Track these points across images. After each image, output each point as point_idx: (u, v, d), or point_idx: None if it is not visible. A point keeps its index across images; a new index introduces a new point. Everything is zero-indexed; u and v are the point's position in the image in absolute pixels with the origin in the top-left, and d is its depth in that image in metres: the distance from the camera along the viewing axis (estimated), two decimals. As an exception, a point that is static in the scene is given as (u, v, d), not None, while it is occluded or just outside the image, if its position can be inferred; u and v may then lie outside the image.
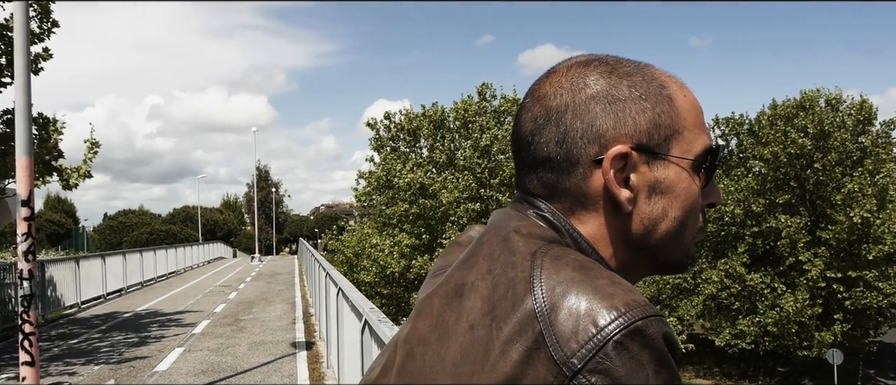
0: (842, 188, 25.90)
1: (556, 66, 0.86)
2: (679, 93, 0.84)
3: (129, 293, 20.14)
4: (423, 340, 0.79)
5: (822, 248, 25.91)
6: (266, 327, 12.66)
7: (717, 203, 0.89)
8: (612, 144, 0.79)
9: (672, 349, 0.68)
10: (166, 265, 26.94)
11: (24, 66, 5.69)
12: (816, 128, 25.79)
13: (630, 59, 0.86)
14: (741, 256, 26.97)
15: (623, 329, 0.66)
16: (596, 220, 0.81)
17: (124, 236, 53.63)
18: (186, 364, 9.30)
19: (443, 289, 0.81)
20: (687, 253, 0.86)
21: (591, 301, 0.68)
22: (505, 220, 0.84)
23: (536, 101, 0.84)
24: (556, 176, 0.81)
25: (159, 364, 9.31)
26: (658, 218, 0.81)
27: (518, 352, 0.68)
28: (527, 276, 0.72)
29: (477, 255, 0.81)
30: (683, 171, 0.82)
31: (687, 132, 0.82)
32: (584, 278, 0.70)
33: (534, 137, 0.83)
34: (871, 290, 25.56)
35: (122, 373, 8.82)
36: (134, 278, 21.65)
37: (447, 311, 0.78)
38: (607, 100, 0.80)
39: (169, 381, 8.28)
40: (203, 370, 8.88)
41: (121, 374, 8.76)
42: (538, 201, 0.83)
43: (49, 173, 10.45)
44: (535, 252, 0.75)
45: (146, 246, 32.11)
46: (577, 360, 0.66)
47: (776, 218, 26.48)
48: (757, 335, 26.72)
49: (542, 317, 0.69)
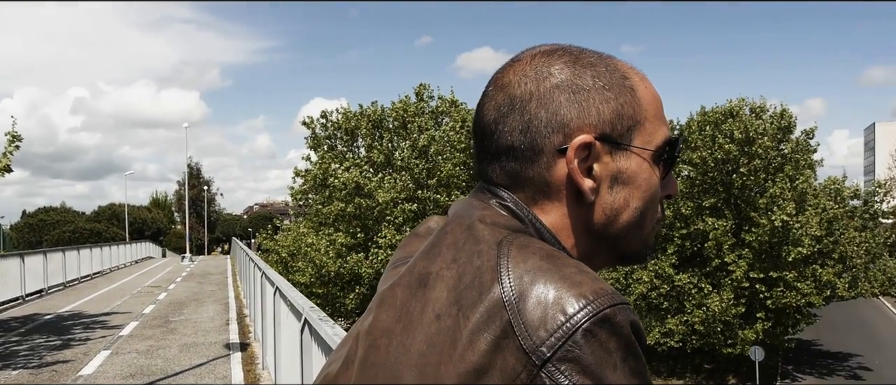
0: (764, 192, 27.03)
1: (520, 55, 0.86)
2: (641, 84, 0.84)
3: (50, 294, 19.24)
4: (386, 331, 0.77)
5: (746, 249, 26.95)
6: (198, 328, 12.31)
7: (674, 195, 0.90)
8: (576, 134, 0.79)
9: (639, 337, 0.69)
10: (91, 265, 25.86)
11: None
12: (742, 134, 26.84)
13: (593, 50, 0.86)
14: (670, 257, 27.81)
15: (592, 317, 0.66)
16: (558, 210, 0.81)
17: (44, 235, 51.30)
18: (113, 367, 8.95)
19: (406, 279, 0.80)
20: (646, 243, 0.87)
21: (560, 289, 0.68)
22: (468, 210, 0.83)
23: (500, 89, 0.83)
24: (520, 165, 0.81)
25: (84, 368, 8.93)
26: (620, 208, 0.82)
27: (486, 341, 0.68)
28: (493, 265, 0.72)
29: (440, 244, 0.80)
30: (644, 162, 0.82)
31: (648, 123, 0.83)
32: (552, 267, 0.70)
33: (497, 126, 0.82)
34: (790, 290, 26.74)
35: (44, 377, 8.42)
36: (56, 279, 20.70)
37: (411, 302, 0.76)
38: (571, 89, 0.80)
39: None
40: (132, 373, 8.57)
41: (42, 378, 8.36)
42: (500, 191, 0.83)
43: (-35, 167, 9.90)
44: (501, 241, 0.75)
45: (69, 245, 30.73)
46: (546, 348, 0.65)
47: (703, 220, 27.42)
48: (685, 333, 27.59)
49: (511, 305, 0.68)
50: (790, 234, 26.14)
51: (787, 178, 27.03)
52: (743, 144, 26.97)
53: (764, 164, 27.14)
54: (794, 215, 26.02)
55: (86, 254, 25.35)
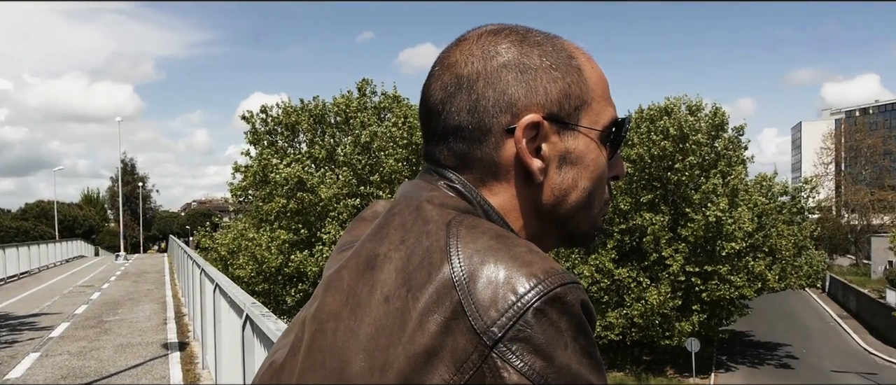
0: (699, 188, 27.87)
1: (467, 34, 0.85)
2: (587, 64, 0.84)
3: (-27, 295, 18.35)
4: (333, 315, 0.75)
5: (682, 244, 27.74)
6: (134, 328, 11.94)
7: (622, 176, 0.91)
8: (524, 113, 0.78)
9: (589, 316, 0.69)
10: (18, 265, 24.78)
11: None
12: (677, 131, 27.59)
13: (539, 30, 0.86)
14: (610, 252, 28.39)
15: (542, 296, 0.66)
16: (507, 191, 0.81)
17: (-33, 234, 48.84)
18: (43, 370, 8.60)
19: (353, 262, 0.78)
20: (595, 225, 0.87)
21: (510, 269, 0.67)
22: (416, 191, 0.82)
23: (446, 68, 0.82)
24: (468, 145, 0.80)
25: (11, 371, 8.55)
26: (568, 188, 0.82)
27: (436, 322, 0.67)
28: (443, 246, 0.71)
29: (388, 226, 0.78)
30: (592, 142, 0.82)
31: (595, 103, 0.83)
32: (502, 247, 0.70)
33: (444, 106, 0.81)
34: (724, 283, 27.67)
35: (-33, 381, 8.02)
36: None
37: (359, 285, 0.75)
38: (519, 68, 0.79)
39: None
40: (63, 376, 8.24)
41: (-35, 382, 7.97)
42: (448, 172, 0.82)
43: None
44: (450, 222, 0.74)
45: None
46: (498, 328, 0.65)
47: (641, 216, 28.09)
48: (624, 326, 28.23)
49: (461, 285, 0.67)
50: (723, 229, 27.01)
51: (720, 175, 27.93)
52: (678, 141, 27.73)
53: (698, 161, 27.96)
54: (728, 211, 26.90)
55: (11, 253, 24.28)
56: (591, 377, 0.66)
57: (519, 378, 0.64)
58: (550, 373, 0.64)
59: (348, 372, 0.70)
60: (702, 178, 28.20)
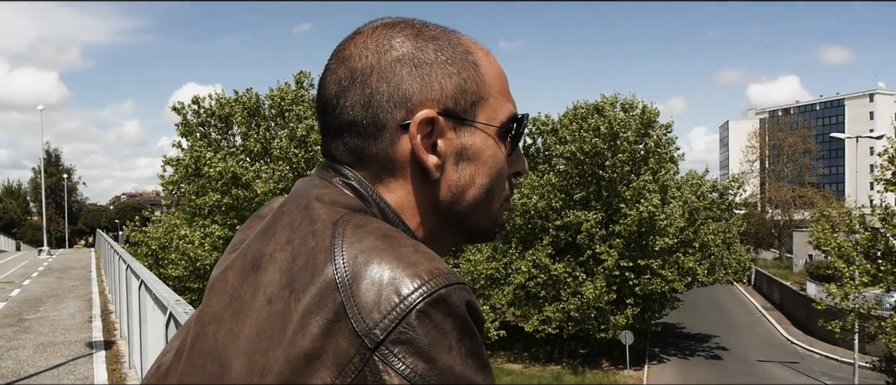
0: (630, 185, 28.58)
1: (362, 28, 0.83)
2: (485, 60, 0.83)
3: None
4: (215, 318, 0.73)
5: (616, 240, 28.40)
6: (57, 326, 11.46)
7: (524, 172, 0.90)
8: (419, 109, 0.77)
9: (475, 317, 0.68)
10: (-69, 261, 23.48)
11: None
12: (607, 129, 28.21)
13: (436, 24, 0.85)
14: (546, 248, 28.84)
15: (426, 297, 0.65)
16: (403, 187, 0.80)
17: None
18: (-45, 373, 8.16)
19: (239, 262, 0.76)
20: (495, 221, 0.86)
21: (395, 270, 0.66)
22: (308, 189, 0.80)
23: (341, 62, 0.81)
24: (363, 141, 0.79)
25: (-82, 373, 8.08)
26: (465, 185, 0.81)
27: (318, 325, 0.65)
28: (327, 246, 0.69)
29: (276, 225, 0.76)
30: (490, 139, 0.82)
31: (493, 99, 0.82)
32: (387, 247, 0.68)
33: (338, 100, 0.79)
34: (656, 278, 28.48)
35: None
36: None
37: (243, 286, 0.73)
38: (414, 63, 0.78)
39: (-70, 392, 7.22)
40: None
41: None
42: (344, 169, 0.80)
43: None
44: (337, 221, 0.72)
45: None
46: (380, 330, 0.64)
47: (575, 212, 28.62)
48: (561, 321, 28.74)
49: (343, 287, 0.66)
50: (656, 225, 27.77)
51: (651, 172, 28.69)
52: (609, 139, 28.35)
53: (629, 158, 28.65)
54: (660, 206, 27.67)
55: (-76, 248, 22.99)
56: (476, 378, 0.66)
57: (400, 381, 0.63)
58: (433, 375, 0.63)
59: (228, 376, 0.68)
60: (632, 176, 28.92)
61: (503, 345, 30.56)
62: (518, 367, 30.92)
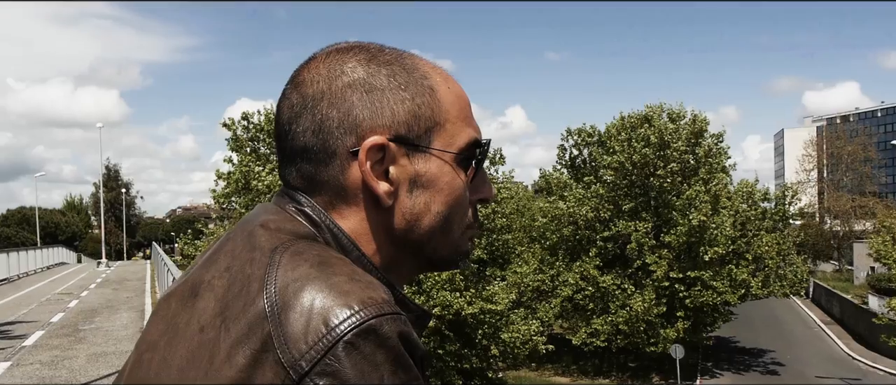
0: (681, 195, 27.99)
1: (317, 53, 0.83)
2: (443, 85, 0.82)
3: (-51, 304, 18.12)
4: (152, 345, 0.73)
5: (666, 250, 27.83)
6: (109, 337, 11.81)
7: (489, 198, 0.88)
8: (369, 135, 0.76)
9: (411, 348, 0.66)
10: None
11: None
12: (657, 139, 27.72)
13: (393, 48, 0.84)
14: (594, 259, 28.44)
15: (354, 328, 0.63)
16: (357, 214, 0.78)
17: (-52, 240, 48.29)
18: (13, 379, 8.48)
19: (180, 289, 0.76)
20: (457, 249, 0.85)
21: (325, 299, 0.65)
22: (256, 215, 0.80)
23: (295, 88, 0.80)
24: (314, 167, 0.78)
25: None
26: (420, 212, 0.79)
27: (245, 355, 0.64)
28: (262, 274, 0.68)
29: (220, 251, 0.76)
30: (446, 165, 0.80)
31: (450, 125, 0.81)
32: (320, 275, 0.67)
33: (291, 126, 0.79)
34: (707, 289, 27.77)
35: (-68, 392, 7.90)
36: (-44, 287, 19.52)
37: (181, 313, 0.72)
38: (365, 88, 0.78)
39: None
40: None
41: (-70, 394, 7.84)
42: (299, 195, 0.80)
43: None
44: (275, 247, 0.71)
45: (-26, 251, 29.06)
46: (306, 362, 0.62)
47: (624, 223, 28.18)
48: (610, 333, 28.25)
49: (273, 316, 0.65)
50: (706, 235, 27.13)
51: (702, 181, 28.06)
52: (658, 149, 27.84)
53: (679, 168, 28.09)
54: (710, 216, 27.04)
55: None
56: None
57: None
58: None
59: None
60: (684, 185, 28.33)
61: (551, 358, 30.20)
62: (566, 381, 30.54)
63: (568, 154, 33.25)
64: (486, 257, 22.50)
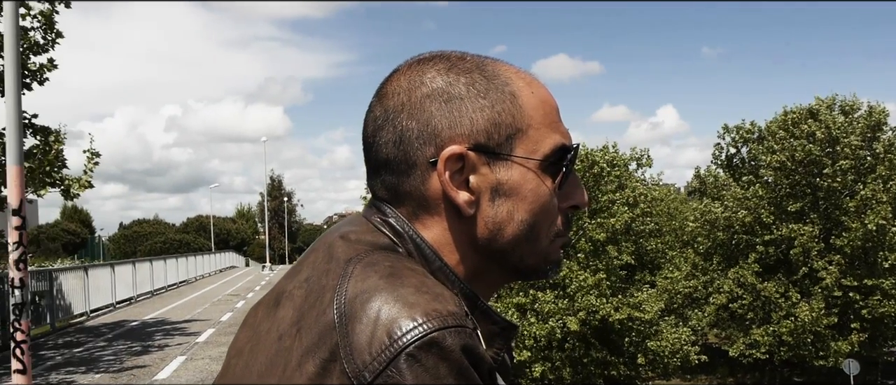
0: (855, 195, 25.56)
1: (401, 65, 0.84)
2: (525, 90, 0.80)
3: (138, 302, 20.26)
4: (239, 351, 0.77)
5: (837, 255, 25.53)
6: (270, 336, 12.67)
7: (582, 205, 0.85)
8: (448, 145, 0.76)
9: (476, 362, 0.64)
10: (177, 274, 27.10)
11: (15, 74, 5.72)
12: (825, 134, 25.49)
13: (476, 55, 0.83)
14: (752, 265, 26.65)
15: (417, 340, 0.62)
16: (439, 224, 0.79)
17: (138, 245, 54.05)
18: (187, 373, 9.31)
19: (267, 297, 0.79)
20: (546, 258, 0.83)
21: (391, 310, 0.65)
22: (341, 226, 0.82)
23: (378, 100, 0.82)
24: (397, 179, 0.79)
25: (160, 373, 9.33)
26: (503, 221, 0.78)
27: (314, 364, 0.65)
28: (334, 285, 0.70)
29: (303, 262, 0.79)
30: (530, 172, 0.78)
31: (533, 131, 0.79)
32: (388, 286, 0.67)
33: (374, 138, 0.81)
34: (888, 299, 25.17)
35: (122, 381, 8.84)
36: (144, 287, 21.79)
37: (264, 321, 0.76)
38: (443, 98, 0.78)
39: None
40: (202, 378, 8.88)
41: (120, 382, 8.78)
42: (384, 206, 0.81)
43: (51, 184, 10.52)
44: (350, 258, 0.72)
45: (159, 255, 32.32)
46: (369, 373, 0.62)
47: (787, 226, 26.17)
48: (771, 345, 26.36)
49: (341, 327, 0.66)
50: (887, 239, 24.64)
51: (881, 180, 25.47)
52: (826, 145, 25.61)
53: (852, 165, 25.66)
54: (891, 218, 24.51)
55: (172, 263, 26.58)
56: None
57: None
58: None
59: None
60: (858, 185, 25.86)
61: (704, 368, 28.69)
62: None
63: (724, 153, 31.42)
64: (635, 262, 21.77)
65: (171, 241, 54.27)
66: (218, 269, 38.38)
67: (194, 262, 31.70)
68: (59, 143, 10.52)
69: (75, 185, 10.67)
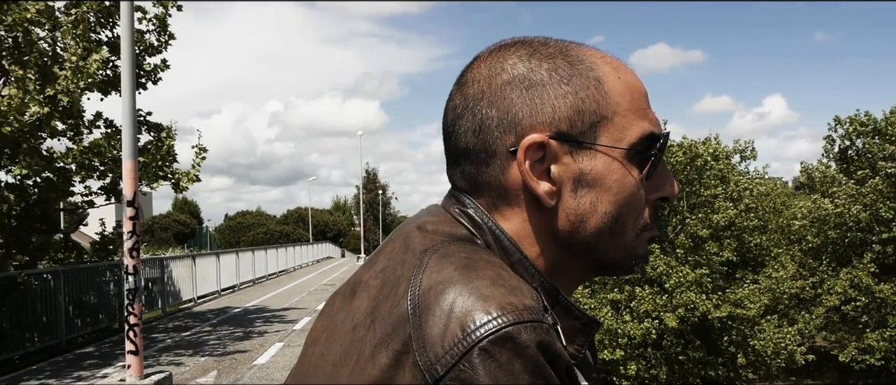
0: None
1: (481, 52, 0.82)
2: (611, 75, 0.77)
3: (241, 290, 21.21)
4: (315, 340, 0.77)
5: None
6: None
7: (672, 197, 0.81)
8: (529, 133, 0.73)
9: (553, 360, 0.62)
10: (277, 264, 28.17)
11: (131, 75, 6.09)
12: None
13: (559, 40, 0.80)
14: (868, 266, 24.98)
15: (491, 334, 0.60)
16: (519, 216, 0.76)
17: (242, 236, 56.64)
18: (284, 358, 9.67)
19: (344, 287, 0.79)
20: (632, 252, 0.79)
21: (465, 303, 0.63)
22: (419, 217, 0.81)
23: (458, 89, 0.80)
24: (476, 169, 0.77)
25: (259, 358, 9.73)
26: (586, 213, 0.75)
27: (387, 355, 0.64)
28: (410, 276, 0.68)
29: (381, 253, 0.78)
30: (615, 162, 0.75)
31: (619, 118, 0.75)
32: (463, 278, 0.65)
33: (454, 127, 0.79)
34: None
35: (225, 365, 9.28)
36: (246, 276, 22.79)
37: (341, 311, 0.75)
38: (524, 85, 0.75)
39: (266, 375, 8.64)
40: (299, 365, 9.20)
41: (223, 366, 9.22)
42: (463, 196, 0.79)
43: (163, 177, 11.17)
44: (426, 250, 0.71)
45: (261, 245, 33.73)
46: (441, 367, 0.61)
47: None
48: (887, 351, 24.66)
49: (414, 318, 0.64)
50: None
51: None
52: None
53: None
54: None
55: (272, 253, 27.66)
56: None
57: None
58: None
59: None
60: None
61: (810, 372, 27.16)
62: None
63: (837, 146, 29.59)
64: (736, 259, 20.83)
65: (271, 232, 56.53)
66: (315, 260, 39.64)
67: (293, 253, 32.87)
68: (171, 138, 11.17)
69: (184, 179, 11.29)
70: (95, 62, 9.31)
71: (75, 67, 9.14)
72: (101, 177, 10.89)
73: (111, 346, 11.19)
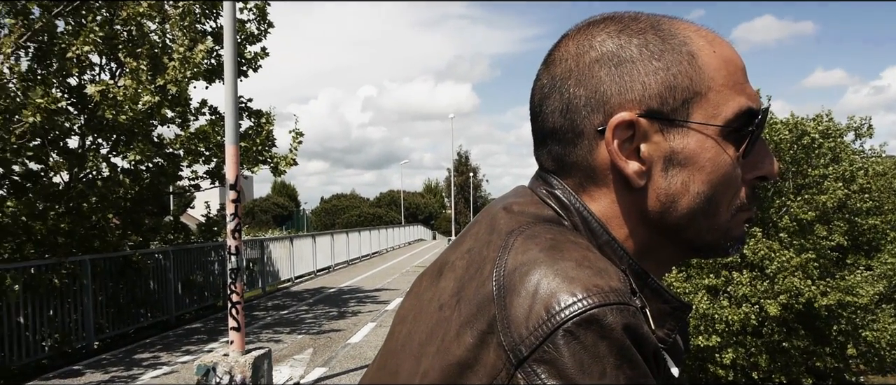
0: None
1: (570, 29, 0.80)
2: (706, 48, 0.74)
3: (335, 270, 21.86)
4: (402, 318, 0.78)
5: None
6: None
7: (771, 176, 0.77)
8: (617, 111, 0.72)
9: (639, 343, 0.60)
10: (370, 246, 28.86)
11: (233, 63, 6.35)
12: None
13: (650, 15, 0.77)
14: None
15: (576, 316, 0.59)
16: (607, 196, 0.75)
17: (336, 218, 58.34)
18: (376, 338, 9.91)
19: (431, 268, 0.80)
20: (727, 234, 0.76)
21: (550, 284, 0.62)
22: (506, 197, 0.81)
23: (546, 68, 0.79)
24: (563, 149, 0.76)
25: (353, 337, 10.02)
26: (677, 193, 0.73)
27: (472, 336, 0.64)
28: (495, 257, 0.68)
29: (467, 233, 0.78)
30: (709, 140, 0.72)
31: (714, 94, 0.73)
32: (548, 259, 0.65)
33: (541, 107, 0.78)
34: None
35: (320, 343, 9.61)
36: (340, 257, 23.47)
37: (428, 290, 0.76)
38: (613, 62, 0.73)
39: (359, 353, 8.89)
40: (392, 345, 9.42)
41: (319, 344, 9.56)
42: (551, 177, 0.79)
43: (263, 161, 11.62)
44: (512, 230, 0.71)
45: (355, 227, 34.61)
46: (525, 347, 0.60)
47: None
48: None
49: (499, 299, 0.64)
50: None
51: None
52: None
53: None
54: None
55: (366, 236, 28.35)
56: None
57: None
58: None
59: (398, 376, 0.72)
60: None
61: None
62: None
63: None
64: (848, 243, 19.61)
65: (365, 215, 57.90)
66: (407, 242, 40.33)
67: (385, 235, 33.55)
68: (270, 124, 11.61)
69: (282, 163, 11.71)
70: (201, 52, 9.79)
71: (183, 58, 9.63)
72: (207, 161, 11.47)
73: (215, 323, 11.82)
